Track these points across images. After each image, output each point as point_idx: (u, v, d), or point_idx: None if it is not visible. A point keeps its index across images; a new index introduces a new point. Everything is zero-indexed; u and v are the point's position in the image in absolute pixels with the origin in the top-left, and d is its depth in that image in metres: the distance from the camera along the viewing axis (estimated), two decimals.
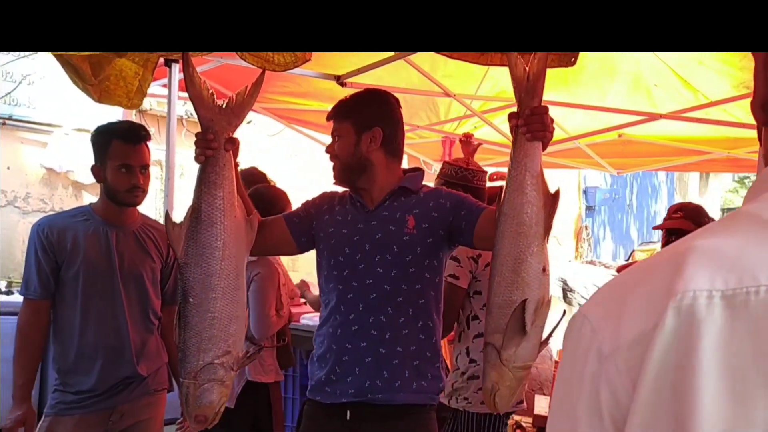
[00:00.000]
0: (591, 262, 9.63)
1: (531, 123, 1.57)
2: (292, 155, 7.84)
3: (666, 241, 2.70)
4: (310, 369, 1.99)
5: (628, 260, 14.38)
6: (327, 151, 1.95)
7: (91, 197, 7.55)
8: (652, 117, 3.98)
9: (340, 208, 1.97)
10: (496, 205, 1.62)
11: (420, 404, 1.89)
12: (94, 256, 2.27)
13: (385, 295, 1.85)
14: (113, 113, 7.33)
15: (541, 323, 1.57)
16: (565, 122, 4.34)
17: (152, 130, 7.05)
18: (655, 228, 2.76)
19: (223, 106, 1.68)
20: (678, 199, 20.04)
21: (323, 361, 1.93)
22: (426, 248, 1.87)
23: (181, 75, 3.16)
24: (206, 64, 3.26)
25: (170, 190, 2.99)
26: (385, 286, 1.85)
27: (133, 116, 5.53)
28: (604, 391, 0.54)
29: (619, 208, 14.95)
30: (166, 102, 6.46)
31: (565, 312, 1.81)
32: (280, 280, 3.14)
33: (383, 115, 1.94)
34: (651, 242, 18.58)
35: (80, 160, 7.50)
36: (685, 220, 2.64)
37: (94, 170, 2.33)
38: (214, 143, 1.66)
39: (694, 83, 3.55)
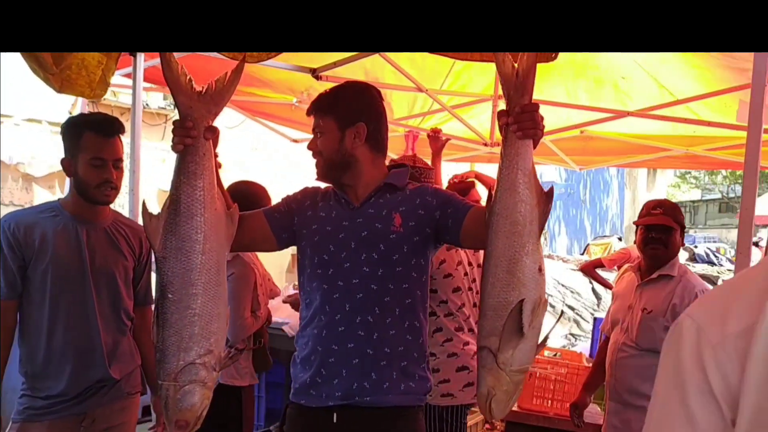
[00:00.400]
0: (548, 257, 9.79)
1: (522, 121, 1.52)
2: (256, 148, 7.72)
3: (645, 236, 2.70)
4: (293, 371, 1.91)
5: (582, 254, 14.67)
6: (309, 147, 1.87)
7: (42, 190, 7.27)
8: (620, 114, 4.03)
9: (324, 204, 1.91)
10: (486, 203, 1.58)
11: (408, 406, 1.84)
12: (64, 253, 2.15)
13: (372, 294, 1.79)
14: (65, 103, 7.11)
15: (538, 324, 1.53)
16: None
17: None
18: (636, 223, 2.77)
19: (202, 92, 1.59)
20: (628, 193, 20.60)
21: (307, 363, 1.86)
22: (413, 246, 1.82)
23: (147, 64, 3.09)
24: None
25: (135, 184, 2.89)
26: (372, 285, 1.79)
27: (87, 107, 5.34)
28: (714, 376, 0.68)
29: (573, 204, 15.26)
30: (120, 91, 6.26)
31: (563, 313, 1.77)
32: (257, 280, 3.06)
33: (367, 110, 1.88)
34: (605, 236, 19.02)
35: (31, 152, 7.23)
36: (665, 216, 2.66)
37: (65, 163, 2.21)
38: (194, 131, 1.56)
39: (661, 80, 3.61)
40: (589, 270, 5.20)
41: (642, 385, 2.59)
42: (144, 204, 1.58)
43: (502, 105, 4.30)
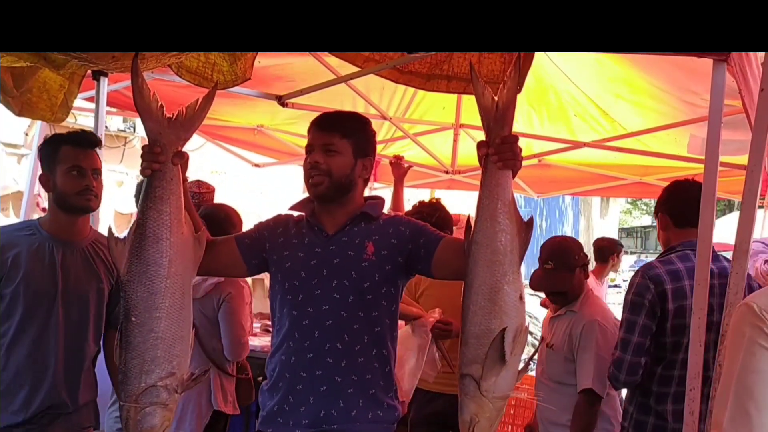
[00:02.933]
0: None
1: (502, 152, 1.55)
2: (216, 171, 7.68)
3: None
4: (261, 399, 1.91)
5: None
6: (315, 161, 1.83)
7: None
8: (576, 145, 4.17)
9: (296, 231, 1.91)
10: (465, 233, 1.61)
11: None
12: (37, 274, 2.12)
13: (342, 321, 1.80)
14: (21, 124, 6.95)
15: (520, 351, 1.56)
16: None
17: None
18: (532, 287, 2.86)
19: (173, 119, 1.63)
20: (582, 221, 21.04)
21: (275, 390, 1.86)
22: (384, 275, 1.83)
23: (110, 88, 3.08)
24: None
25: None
26: (341, 312, 1.81)
27: (35, 127, 5.27)
28: None
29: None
30: (79, 114, 6.21)
31: (540, 342, 1.83)
32: (251, 301, 3.08)
33: (373, 146, 1.94)
34: None
35: None
36: (555, 274, 2.73)
37: (43, 179, 2.19)
38: (162, 156, 1.59)
39: (612, 114, 3.77)
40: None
41: (558, 416, 2.65)
42: (110, 228, 1.59)
43: (463, 133, 4.46)
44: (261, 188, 7.03)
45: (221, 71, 2.34)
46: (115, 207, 7.18)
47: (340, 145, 1.83)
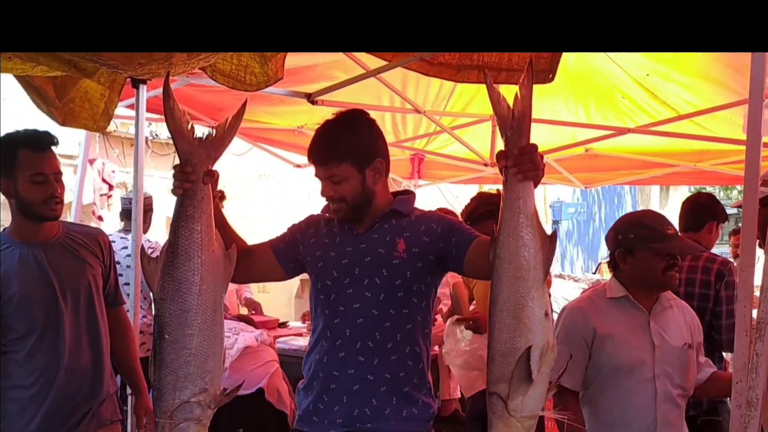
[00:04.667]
0: (560, 276, 9.71)
1: (521, 163, 1.50)
2: (263, 174, 7.76)
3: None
4: (297, 398, 1.94)
5: (595, 272, 14.50)
6: (326, 194, 1.84)
7: None
8: (620, 131, 4.02)
9: (327, 231, 1.92)
10: (490, 247, 1.56)
11: None
12: (32, 283, 2.11)
13: (373, 320, 1.81)
14: (75, 134, 7.17)
15: (547, 369, 1.52)
16: (534, 138, 4.37)
17: (116, 152, 6.93)
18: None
19: (203, 139, 1.66)
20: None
21: (310, 389, 1.89)
22: (415, 273, 1.83)
23: (150, 94, 3.14)
24: (172, 83, 3.18)
25: (138, 214, 2.91)
26: (372, 310, 1.81)
27: (96, 138, 5.40)
28: None
29: (586, 222, 15.14)
30: (130, 123, 6.36)
31: (571, 356, 1.82)
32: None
33: (377, 142, 1.87)
34: None
35: None
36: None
37: (3, 185, 2.13)
38: (193, 176, 1.61)
39: (661, 96, 3.61)
40: None
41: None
42: (143, 248, 1.65)
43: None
44: (303, 187, 7.07)
45: (253, 73, 2.35)
46: (167, 213, 7.35)
47: (343, 171, 1.80)
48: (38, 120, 2.66)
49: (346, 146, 1.81)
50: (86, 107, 2.65)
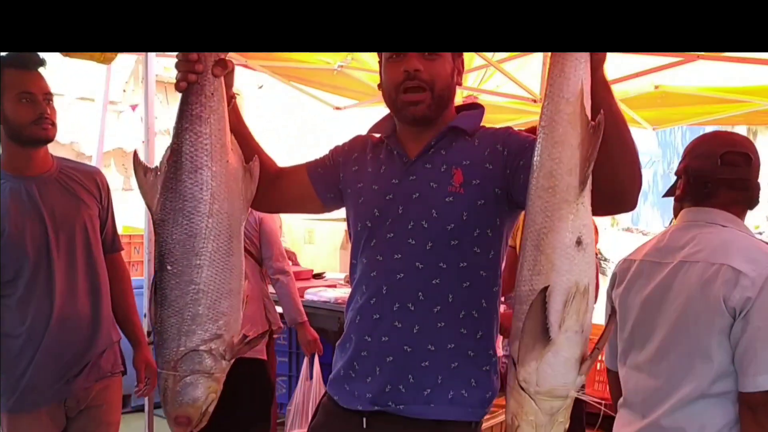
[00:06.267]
0: (628, 230, 9.19)
1: None
2: (292, 112, 7.44)
3: None
4: (335, 354, 1.61)
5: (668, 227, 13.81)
6: (414, 69, 1.41)
7: None
8: (689, 58, 3.50)
9: (373, 158, 1.55)
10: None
11: (458, 421, 1.45)
12: (24, 219, 1.94)
13: (416, 275, 1.43)
14: (118, 81, 7.03)
15: (577, 325, 1.07)
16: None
17: (159, 97, 6.78)
18: None
19: None
20: None
21: (343, 351, 1.55)
22: (475, 213, 1.42)
23: None
24: None
25: (150, 152, 2.68)
26: (416, 263, 1.43)
27: (139, 83, 5.13)
28: None
29: (660, 169, 14.22)
30: (173, 68, 6.23)
31: (614, 312, 1.25)
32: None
33: None
34: None
35: (84, 130, 7.23)
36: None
37: None
38: (199, 65, 1.27)
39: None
40: None
41: None
42: (135, 154, 1.29)
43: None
44: (340, 134, 6.78)
45: None
46: None
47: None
48: (78, 64, 2.43)
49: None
50: None
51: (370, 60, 4.02)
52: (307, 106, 6.34)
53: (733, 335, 1.50)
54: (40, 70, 2.01)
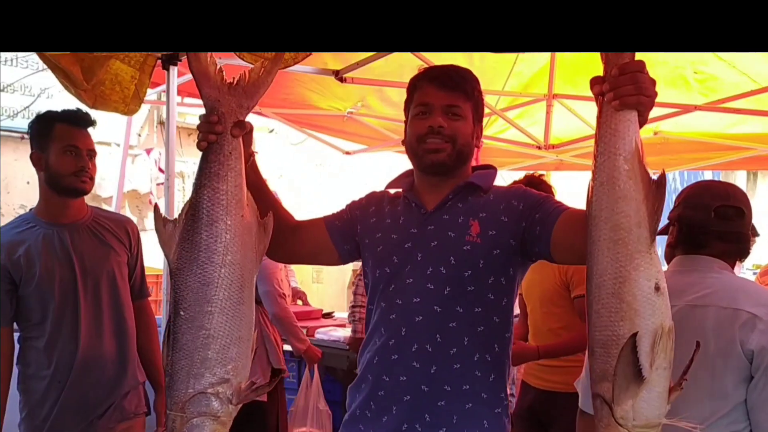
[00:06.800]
0: None
1: (620, 85, 1.16)
2: (320, 164, 7.62)
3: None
4: (348, 399, 1.68)
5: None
6: (438, 125, 1.54)
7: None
8: (686, 109, 3.63)
9: (391, 210, 1.65)
10: (586, 207, 1.25)
11: None
12: (54, 265, 2.03)
13: (435, 318, 1.51)
14: (134, 125, 7.24)
15: (665, 363, 1.16)
16: (594, 118, 4.01)
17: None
18: None
19: (233, 84, 1.42)
20: None
21: (358, 391, 1.63)
22: (491, 261, 1.51)
23: (181, 80, 3.01)
24: None
25: (170, 198, 2.79)
26: (434, 306, 1.51)
27: (155, 128, 5.29)
28: None
29: (666, 212, 14.26)
30: (186, 113, 6.33)
31: (698, 345, 1.36)
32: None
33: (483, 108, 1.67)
34: None
35: (100, 174, 7.40)
36: None
37: (34, 157, 2.10)
38: (219, 126, 1.37)
39: (740, 66, 3.21)
40: None
41: None
42: (156, 207, 1.39)
43: (557, 106, 4.01)
44: (352, 174, 6.89)
45: None
46: None
47: (465, 109, 1.56)
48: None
49: (474, 87, 1.60)
50: (117, 90, 2.58)
51: (378, 106, 4.16)
52: (328, 153, 6.58)
53: (751, 378, 1.55)
54: (89, 129, 2.15)
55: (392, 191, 1.70)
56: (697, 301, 1.66)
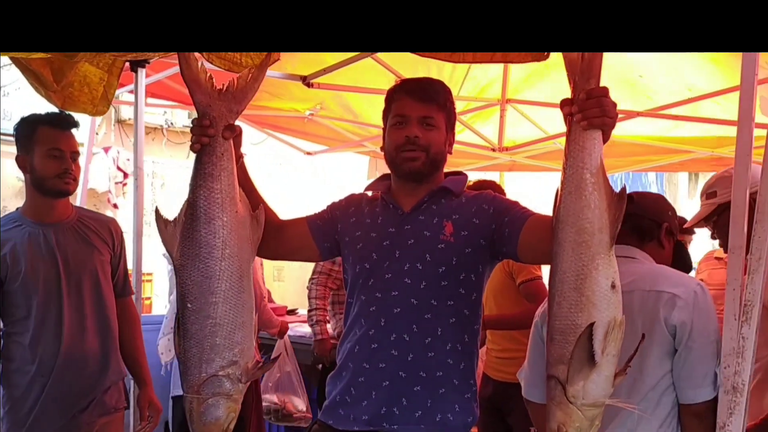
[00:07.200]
0: None
1: (587, 108, 1.31)
2: (281, 163, 7.63)
3: None
4: (327, 387, 1.80)
5: None
6: (414, 135, 1.67)
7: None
8: (629, 115, 3.85)
9: (370, 210, 1.78)
10: (552, 211, 1.41)
11: None
12: (39, 263, 2.10)
13: (412, 310, 1.65)
14: (91, 122, 7.10)
15: (614, 350, 1.32)
16: (544, 122, 4.24)
17: (131, 140, 6.84)
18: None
19: (223, 90, 1.53)
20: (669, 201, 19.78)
21: (338, 379, 1.74)
22: (463, 259, 1.66)
23: (149, 80, 3.05)
24: (171, 68, 3.08)
25: (139, 198, 2.85)
26: (411, 299, 1.65)
27: (112, 126, 5.23)
28: None
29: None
30: (147, 111, 6.29)
31: (644, 336, 1.53)
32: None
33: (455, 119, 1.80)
34: None
35: None
36: None
37: (19, 161, 2.17)
38: (211, 130, 1.48)
39: (683, 76, 3.46)
40: None
41: None
42: (157, 210, 1.49)
43: (510, 110, 4.21)
44: (316, 175, 6.95)
45: (249, 55, 2.26)
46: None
47: (438, 119, 1.70)
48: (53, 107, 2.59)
49: (447, 99, 1.74)
50: (85, 91, 2.61)
51: (336, 109, 4.26)
52: (289, 153, 6.61)
53: (675, 351, 1.73)
54: (72, 130, 2.20)
55: (370, 193, 1.84)
56: (624, 288, 1.86)
